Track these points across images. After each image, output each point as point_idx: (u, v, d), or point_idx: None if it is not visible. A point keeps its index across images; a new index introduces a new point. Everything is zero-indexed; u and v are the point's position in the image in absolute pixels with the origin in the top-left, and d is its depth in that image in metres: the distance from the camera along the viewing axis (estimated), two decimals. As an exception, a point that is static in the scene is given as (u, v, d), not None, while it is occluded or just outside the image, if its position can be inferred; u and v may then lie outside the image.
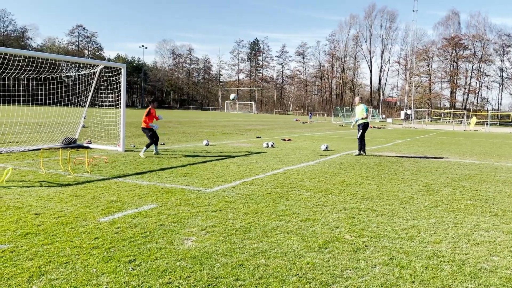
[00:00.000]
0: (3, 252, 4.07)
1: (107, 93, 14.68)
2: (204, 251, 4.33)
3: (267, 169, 10.04)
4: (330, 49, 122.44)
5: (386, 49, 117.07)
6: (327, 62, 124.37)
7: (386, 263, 4.19)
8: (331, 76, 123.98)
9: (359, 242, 4.82)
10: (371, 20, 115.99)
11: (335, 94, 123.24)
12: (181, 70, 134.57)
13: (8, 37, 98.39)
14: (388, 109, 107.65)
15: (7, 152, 11.34)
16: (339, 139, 21.62)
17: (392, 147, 17.74)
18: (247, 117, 61.71)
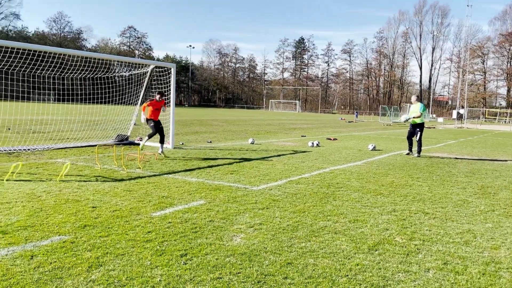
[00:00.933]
0: (64, 242, 4.31)
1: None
2: (253, 248, 4.38)
3: (313, 168, 9.97)
4: (378, 46, 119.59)
5: (437, 46, 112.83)
6: (375, 60, 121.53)
7: (440, 268, 4.05)
8: (379, 74, 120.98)
9: (410, 245, 4.69)
10: (422, 16, 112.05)
11: (382, 93, 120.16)
12: (226, 69, 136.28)
13: (65, 39, 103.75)
14: (439, 108, 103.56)
15: (65, 148, 11.98)
16: (387, 139, 21.08)
17: (444, 148, 17.06)
18: (291, 116, 61.53)
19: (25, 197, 6.11)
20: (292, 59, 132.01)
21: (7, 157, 9.99)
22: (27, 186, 6.81)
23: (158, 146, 12.69)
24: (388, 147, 16.48)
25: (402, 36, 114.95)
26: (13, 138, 13.52)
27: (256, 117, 49.39)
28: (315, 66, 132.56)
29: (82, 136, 14.89)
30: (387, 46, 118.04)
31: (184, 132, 20.09)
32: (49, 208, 5.57)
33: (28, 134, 15.35)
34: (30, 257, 3.88)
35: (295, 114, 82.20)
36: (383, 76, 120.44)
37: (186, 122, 29.12)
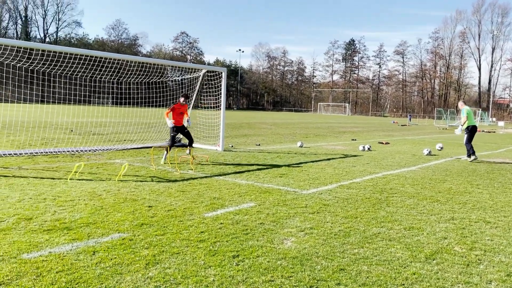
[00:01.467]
0: (123, 240, 4.51)
1: (208, 96, 15.48)
2: (304, 252, 4.36)
3: (365, 173, 9.76)
4: (433, 47, 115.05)
5: (497, 46, 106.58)
6: (430, 61, 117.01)
7: (503, 280, 3.83)
8: (434, 76, 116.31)
9: (471, 255, 4.47)
10: (480, 15, 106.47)
11: (437, 95, 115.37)
12: (275, 72, 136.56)
13: (122, 45, 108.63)
14: (499, 111, 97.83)
15: (123, 149, 12.53)
16: (443, 143, 20.19)
17: (505, 154, 16.09)
18: (341, 119, 60.56)
19: (87, 195, 6.46)
20: (342, 61, 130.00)
21: (70, 157, 10.60)
22: (89, 185, 7.20)
23: (208, 148, 12.91)
24: (444, 152, 15.79)
25: (459, 36, 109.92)
26: (75, 140, 14.33)
27: (304, 120, 49.09)
28: (366, 68, 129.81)
29: (138, 138, 15.51)
30: (443, 47, 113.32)
31: (233, 134, 20.36)
32: (109, 206, 5.86)
33: (89, 135, 16.20)
34: (92, 252, 4.09)
35: (345, 117, 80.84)
36: (438, 77, 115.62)
37: (235, 125, 29.49)
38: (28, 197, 6.16)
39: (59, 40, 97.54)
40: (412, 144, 19.04)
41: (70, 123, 20.79)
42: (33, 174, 8.03)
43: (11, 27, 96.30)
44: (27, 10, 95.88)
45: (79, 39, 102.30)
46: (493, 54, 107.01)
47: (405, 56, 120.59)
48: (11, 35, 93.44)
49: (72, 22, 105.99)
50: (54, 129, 17.66)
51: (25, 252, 4.04)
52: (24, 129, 16.60)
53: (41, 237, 4.46)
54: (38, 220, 5.05)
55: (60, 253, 4.04)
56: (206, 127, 15.85)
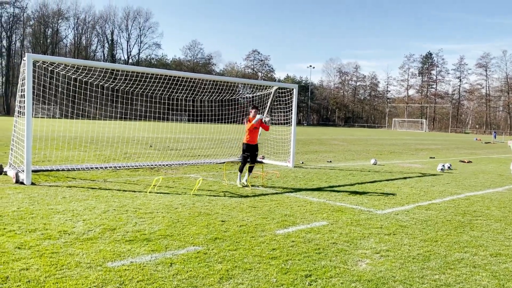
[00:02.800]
0: (198, 253, 4.66)
1: (279, 112, 15.63)
2: (380, 275, 4.18)
3: (445, 194, 9.19)
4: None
5: None
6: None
7: None
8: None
9: None
10: None
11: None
12: (346, 87, 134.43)
13: (197, 64, 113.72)
14: None
15: (197, 164, 13.01)
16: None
17: None
18: (417, 136, 57.79)
19: (165, 208, 6.78)
20: (418, 75, 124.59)
21: (150, 171, 11.22)
22: (166, 198, 7.55)
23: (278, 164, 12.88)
24: (536, 172, 14.40)
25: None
26: (154, 154, 15.15)
27: (378, 136, 47.56)
28: (444, 82, 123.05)
29: (211, 153, 16.03)
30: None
31: (303, 151, 20.27)
32: (184, 219, 6.09)
33: (166, 151, 17.05)
34: (169, 264, 4.27)
35: (422, 133, 77.03)
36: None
37: (305, 141, 29.36)
38: (112, 209, 6.60)
39: (140, 61, 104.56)
40: (498, 163, 17.61)
41: (149, 139, 22.05)
42: (117, 187, 8.60)
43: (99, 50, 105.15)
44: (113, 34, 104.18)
45: (159, 59, 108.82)
46: None
47: (488, 69, 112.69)
48: (99, 58, 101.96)
49: (153, 44, 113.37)
50: (135, 144, 18.84)
51: (109, 260, 4.32)
52: (108, 144, 17.91)
53: (124, 247, 4.75)
54: (121, 231, 5.39)
55: (140, 263, 4.26)
56: (277, 143, 15.97)
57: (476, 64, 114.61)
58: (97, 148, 16.59)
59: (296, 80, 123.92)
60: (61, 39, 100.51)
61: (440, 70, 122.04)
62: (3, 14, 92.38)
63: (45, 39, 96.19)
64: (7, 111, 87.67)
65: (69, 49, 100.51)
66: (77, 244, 4.80)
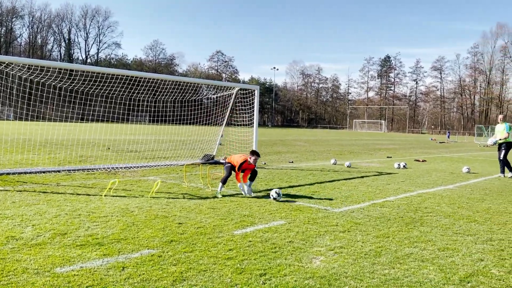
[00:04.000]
0: (152, 256, 4.58)
1: (241, 113, 15.65)
2: (333, 272, 4.27)
3: (399, 191, 9.51)
4: (473, 62, 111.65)
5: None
6: (469, 77, 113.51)
7: (546, 308, 3.60)
8: (473, 92, 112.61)
9: (509, 279, 4.24)
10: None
11: (478, 111, 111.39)
12: (309, 89, 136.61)
13: (159, 65, 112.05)
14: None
15: (156, 166, 12.81)
16: (483, 161, 19.42)
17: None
18: (376, 136, 59.48)
19: (120, 211, 6.62)
20: (377, 77, 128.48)
21: (106, 174, 10.94)
22: (122, 202, 7.39)
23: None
24: (485, 170, 15.17)
25: (500, 51, 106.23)
26: (112, 157, 14.79)
27: (339, 137, 48.56)
28: (402, 85, 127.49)
29: (171, 155, 15.82)
30: (483, 62, 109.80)
31: (266, 152, 20.39)
32: (140, 222, 5.98)
33: (125, 153, 16.68)
34: (122, 268, 4.18)
35: (381, 134, 79.34)
36: (478, 93, 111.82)
37: (268, 142, 29.55)
38: (64, 213, 6.39)
39: (99, 61, 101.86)
40: (451, 162, 18.41)
41: (108, 141, 21.49)
42: (70, 191, 8.33)
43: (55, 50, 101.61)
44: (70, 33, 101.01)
45: (119, 59, 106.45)
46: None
47: (443, 72, 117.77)
48: (55, 57, 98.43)
49: (112, 43, 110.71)
50: (92, 146, 18.32)
51: (58, 266, 4.17)
52: (63, 146, 17.32)
53: (74, 252, 4.60)
54: (72, 235, 5.22)
55: (91, 268, 4.15)
56: (239, 144, 15.98)
57: (432, 67, 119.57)
58: (51, 151, 16.00)
59: (260, 81, 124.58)
60: (15, 38, 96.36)
61: (398, 73, 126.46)
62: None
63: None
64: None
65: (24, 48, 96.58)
66: (25, 249, 4.61)
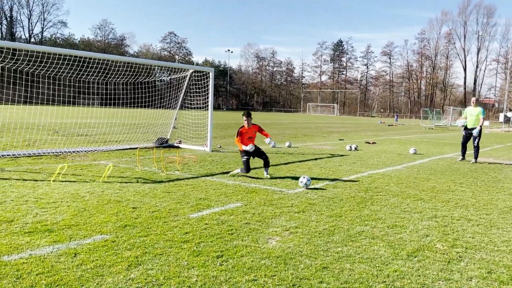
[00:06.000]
0: (105, 241, 4.47)
1: (196, 96, 15.43)
2: (288, 251, 4.36)
3: (351, 172, 9.82)
4: (419, 48, 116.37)
5: (482, 46, 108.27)
6: (416, 62, 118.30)
7: (484, 277, 3.89)
8: (420, 77, 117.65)
9: (452, 252, 4.52)
10: (466, 16, 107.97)
11: (424, 95, 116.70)
12: (264, 73, 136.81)
13: (109, 45, 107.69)
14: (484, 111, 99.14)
15: (108, 150, 12.42)
16: (428, 143, 20.44)
17: (490, 152, 16.34)
18: (329, 119, 60.88)
19: (70, 197, 6.39)
20: (330, 62, 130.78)
21: (54, 159, 10.48)
22: (72, 187, 7.12)
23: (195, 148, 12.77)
24: (430, 151, 15.97)
25: (445, 37, 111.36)
26: (60, 141, 14.16)
27: (293, 120, 49.24)
28: (353, 69, 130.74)
29: (124, 139, 15.38)
30: (429, 48, 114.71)
31: (222, 135, 20.33)
32: (92, 208, 5.80)
33: (74, 137, 16.03)
34: (73, 254, 4.05)
35: (333, 117, 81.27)
36: (425, 78, 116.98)
37: (224, 125, 29.45)
38: (9, 199, 6.07)
39: (44, 40, 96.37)
40: (398, 144, 19.22)
41: (55, 124, 20.53)
42: (16, 176, 7.91)
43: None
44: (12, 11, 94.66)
45: (65, 39, 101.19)
46: (478, 54, 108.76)
47: (392, 57, 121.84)
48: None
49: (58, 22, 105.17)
50: (38, 130, 17.44)
51: (5, 254, 3.98)
52: (7, 129, 16.37)
53: (22, 240, 4.40)
54: (19, 223, 4.98)
55: (40, 255, 3.99)
56: (194, 128, 15.80)
57: (381, 52, 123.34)
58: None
59: (214, 64, 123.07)
60: None
61: (349, 58, 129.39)
62: None
63: None
64: None
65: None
66: (-34, 239, 4.35)
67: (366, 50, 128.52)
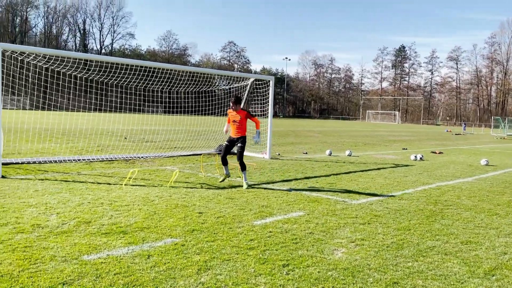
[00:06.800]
0: (175, 245, 4.64)
1: (255, 104, 15.63)
2: (355, 264, 4.27)
3: (417, 184, 9.44)
4: (489, 52, 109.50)
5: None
6: (486, 67, 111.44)
7: None
8: (490, 83, 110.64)
9: (536, 273, 4.19)
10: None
11: (494, 103, 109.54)
12: (322, 80, 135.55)
13: (172, 55, 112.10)
14: None
15: (173, 156, 12.90)
16: (501, 154, 19.14)
17: None
18: (390, 127, 58.94)
19: (141, 200, 6.71)
20: (391, 68, 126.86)
21: (125, 163, 11.06)
22: (142, 191, 7.47)
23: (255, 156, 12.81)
24: (503, 162, 14.95)
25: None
26: (129, 147, 14.93)
27: (352, 128, 48.26)
28: (417, 75, 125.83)
29: (187, 145, 15.90)
30: (500, 52, 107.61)
31: (280, 143, 20.38)
32: (161, 211, 6.05)
33: (142, 143, 16.82)
34: (147, 256, 4.24)
35: (395, 125, 78.59)
36: (495, 84, 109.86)
37: (281, 133, 29.51)
38: (87, 201, 6.49)
39: (114, 51, 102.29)
40: (468, 154, 18.18)
41: (124, 131, 21.68)
42: (91, 180, 8.45)
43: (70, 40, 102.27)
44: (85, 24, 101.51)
45: (133, 50, 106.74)
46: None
47: (459, 62, 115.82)
48: (70, 47, 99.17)
49: (126, 34, 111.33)
50: (109, 136, 18.50)
51: (85, 254, 4.25)
52: (82, 136, 17.53)
53: (100, 240, 4.68)
54: (96, 224, 5.31)
55: (117, 256, 4.22)
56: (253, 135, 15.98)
57: (447, 57, 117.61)
58: (70, 140, 16.21)
59: (272, 72, 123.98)
60: (30, 28, 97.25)
61: (412, 63, 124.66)
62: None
63: (13, 27, 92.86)
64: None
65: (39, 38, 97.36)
66: (51, 237, 4.71)
67: (430, 55, 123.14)
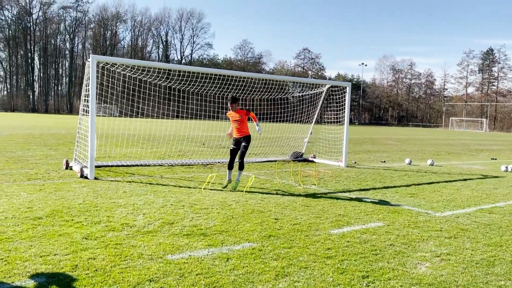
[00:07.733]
0: (253, 249, 4.71)
1: (330, 111, 15.43)
2: (441, 279, 4.03)
3: (509, 197, 8.68)
4: None
5: None
6: None
7: None
8: None
9: None
10: None
11: None
12: (400, 85, 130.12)
13: (247, 63, 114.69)
14: None
15: (248, 163, 13.14)
16: None
17: None
18: (477, 136, 54.82)
19: (219, 204, 6.92)
20: (478, 72, 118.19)
21: (203, 168, 11.49)
22: (220, 195, 7.71)
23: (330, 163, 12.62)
24: None
25: None
26: (207, 152, 15.50)
27: (434, 136, 45.63)
28: (507, 80, 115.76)
29: (262, 152, 16.12)
30: None
31: (356, 150, 19.88)
32: (238, 216, 6.19)
33: (218, 148, 17.37)
34: (226, 259, 4.36)
35: (482, 133, 72.99)
36: None
37: (357, 140, 28.77)
38: (169, 204, 6.84)
39: (193, 61, 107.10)
40: None
41: (202, 137, 22.55)
42: (173, 183, 8.89)
43: (154, 51, 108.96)
44: (167, 35, 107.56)
45: (210, 59, 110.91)
46: None
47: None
48: (154, 58, 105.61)
49: (205, 44, 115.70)
50: (189, 142, 19.35)
51: (169, 253, 4.48)
52: (164, 141, 18.53)
53: (182, 241, 4.91)
54: (178, 225, 5.57)
55: (198, 257, 4.39)
56: (329, 142, 15.78)
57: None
58: (153, 145, 17.22)
59: (347, 78, 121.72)
60: (119, 41, 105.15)
61: (502, 67, 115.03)
62: (66, 18, 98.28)
63: (104, 41, 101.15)
64: (70, 110, 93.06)
65: (126, 50, 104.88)
66: (138, 236, 5.03)
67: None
